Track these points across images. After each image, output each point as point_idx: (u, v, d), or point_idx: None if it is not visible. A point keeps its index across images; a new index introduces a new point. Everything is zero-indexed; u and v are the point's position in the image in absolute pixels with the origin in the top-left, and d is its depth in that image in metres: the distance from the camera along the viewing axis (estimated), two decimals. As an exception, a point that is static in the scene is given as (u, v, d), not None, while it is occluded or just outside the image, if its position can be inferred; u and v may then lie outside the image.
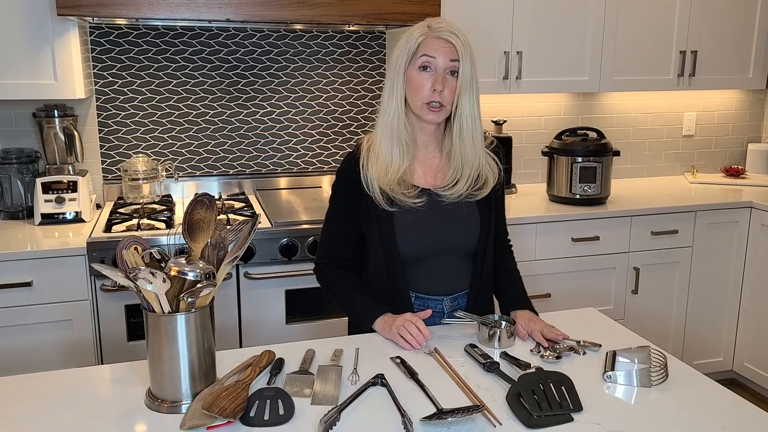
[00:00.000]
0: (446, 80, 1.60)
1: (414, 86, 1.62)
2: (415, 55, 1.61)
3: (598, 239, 2.95)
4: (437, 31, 1.61)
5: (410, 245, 1.66)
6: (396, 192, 1.64)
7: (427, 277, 1.70)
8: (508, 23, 2.96)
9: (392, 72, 1.65)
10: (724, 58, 3.34)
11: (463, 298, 1.75)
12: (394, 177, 1.63)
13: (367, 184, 1.66)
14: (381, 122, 1.66)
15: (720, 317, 3.26)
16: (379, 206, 1.65)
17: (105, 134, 2.90)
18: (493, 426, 1.25)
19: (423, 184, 1.69)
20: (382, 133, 1.65)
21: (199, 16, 2.43)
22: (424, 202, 1.66)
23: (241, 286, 2.51)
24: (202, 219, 1.37)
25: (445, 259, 1.71)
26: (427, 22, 1.65)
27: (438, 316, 1.73)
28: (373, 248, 1.71)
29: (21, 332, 2.32)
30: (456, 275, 1.73)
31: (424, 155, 1.72)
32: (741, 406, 1.34)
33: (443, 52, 1.59)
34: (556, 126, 3.41)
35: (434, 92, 1.60)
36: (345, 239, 1.75)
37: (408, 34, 1.64)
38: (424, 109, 1.62)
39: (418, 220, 1.65)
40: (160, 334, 1.30)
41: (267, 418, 1.26)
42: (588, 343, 1.58)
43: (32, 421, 1.26)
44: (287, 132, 3.11)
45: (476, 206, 1.71)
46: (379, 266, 1.70)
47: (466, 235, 1.70)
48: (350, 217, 1.72)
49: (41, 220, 2.60)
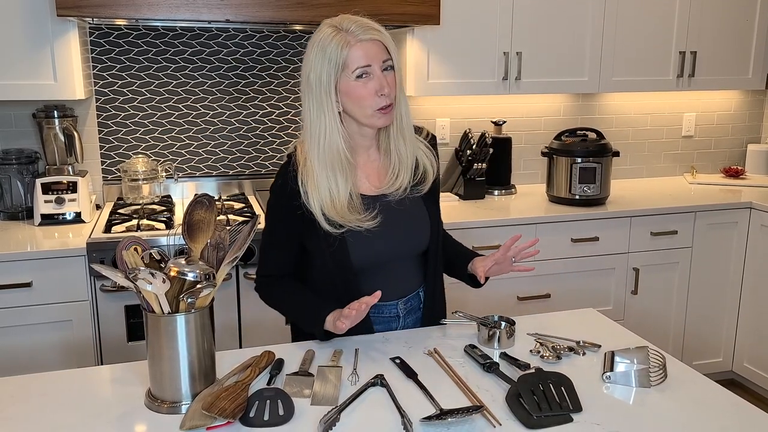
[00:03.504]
0: (386, 78, 1.52)
1: (355, 97, 1.51)
2: (346, 68, 1.49)
3: (598, 240, 2.95)
4: (358, 35, 1.49)
5: (364, 257, 1.59)
6: (348, 219, 1.54)
7: (380, 284, 1.57)
8: (508, 23, 2.96)
9: (315, 91, 1.51)
10: (724, 58, 3.34)
11: (415, 298, 1.71)
12: (343, 203, 1.54)
13: (309, 205, 1.54)
14: (315, 149, 1.53)
15: (719, 318, 3.26)
16: (325, 230, 1.55)
17: (105, 135, 2.90)
18: (492, 426, 1.25)
19: (369, 191, 1.62)
20: (319, 162, 1.53)
21: (199, 17, 2.44)
22: (377, 220, 1.57)
23: (241, 286, 2.51)
24: (201, 219, 1.37)
25: (397, 263, 1.66)
26: (336, 25, 1.51)
27: (393, 320, 1.70)
28: (321, 262, 1.62)
29: (21, 333, 2.32)
30: (409, 277, 1.69)
31: (365, 160, 1.64)
32: (741, 406, 1.34)
33: (374, 54, 1.50)
34: (556, 126, 3.41)
35: (381, 96, 1.51)
36: (286, 254, 1.66)
37: (321, 47, 1.50)
38: (375, 116, 1.53)
39: (371, 231, 1.57)
40: (160, 335, 1.30)
41: (267, 418, 1.26)
42: (588, 344, 1.58)
43: (32, 421, 1.26)
44: (287, 133, 3.11)
45: (423, 204, 1.67)
46: (329, 277, 1.61)
47: (418, 235, 1.66)
48: (291, 235, 1.62)
49: (41, 221, 2.60)
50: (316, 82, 1.51)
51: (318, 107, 1.52)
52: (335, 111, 1.53)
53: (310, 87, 1.53)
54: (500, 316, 1.65)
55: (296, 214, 1.57)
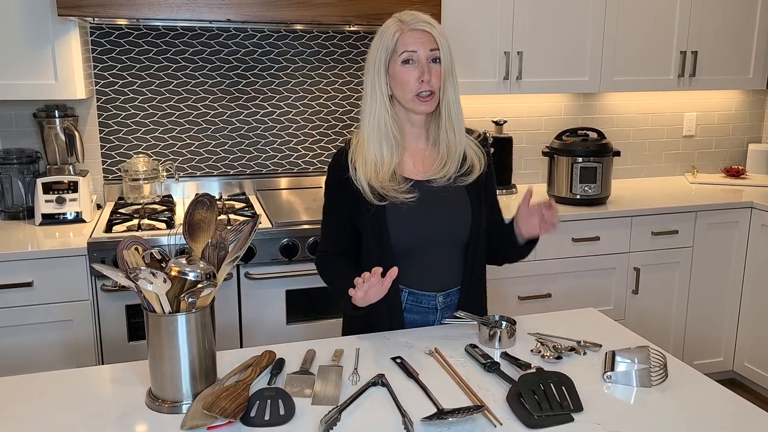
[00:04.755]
0: (431, 68, 1.62)
1: (400, 81, 1.63)
2: (395, 52, 1.63)
3: (599, 239, 2.95)
4: (411, 24, 1.63)
5: (403, 237, 1.67)
6: (388, 189, 1.65)
7: (419, 271, 1.69)
8: (508, 23, 2.96)
9: (372, 73, 1.65)
10: (725, 58, 3.34)
11: (455, 294, 1.74)
12: (386, 175, 1.65)
13: (356, 180, 1.67)
14: (366, 124, 1.67)
15: (720, 317, 3.26)
16: (370, 202, 1.66)
17: (105, 134, 2.90)
18: (493, 426, 1.25)
19: (414, 175, 1.70)
20: (369, 134, 1.66)
21: (200, 16, 2.44)
22: (416, 196, 1.66)
23: (242, 286, 2.51)
24: (202, 219, 1.37)
25: (437, 252, 1.70)
26: (398, 16, 1.66)
27: (431, 312, 1.73)
28: (365, 241, 1.72)
29: (21, 332, 2.32)
30: (448, 270, 1.73)
31: (414, 147, 1.73)
32: (741, 406, 1.34)
33: (422, 43, 1.61)
34: (557, 126, 3.41)
35: (422, 83, 1.61)
36: (340, 232, 1.76)
37: (381, 33, 1.65)
38: (415, 101, 1.63)
39: (411, 211, 1.66)
40: (161, 335, 1.30)
41: (267, 418, 1.26)
42: (588, 343, 1.58)
43: (32, 421, 1.26)
44: (288, 132, 3.11)
45: (466, 194, 1.72)
46: (371, 259, 1.70)
47: (458, 224, 1.70)
48: (342, 212, 1.73)
49: (42, 221, 2.60)
50: (372, 64, 1.66)
51: (371, 87, 1.66)
52: (385, 91, 1.65)
53: (369, 67, 1.67)
54: (501, 315, 1.65)
55: (346, 190, 1.68)
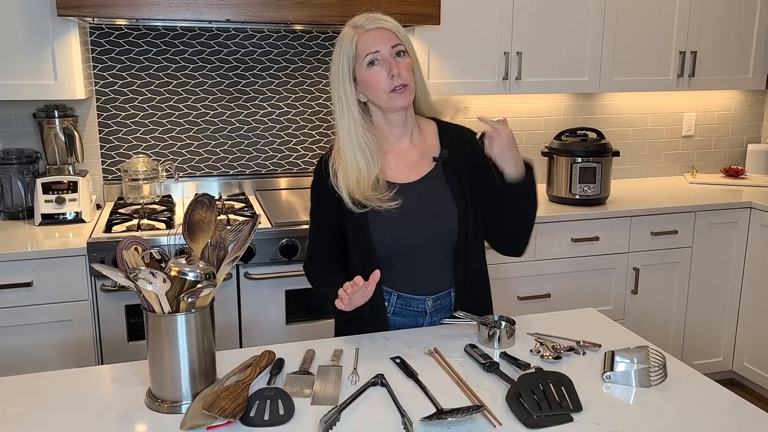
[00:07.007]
0: (398, 62, 1.60)
1: (371, 84, 1.60)
2: (358, 58, 1.60)
3: (598, 239, 2.95)
4: (367, 26, 1.61)
5: (387, 243, 1.65)
6: (371, 199, 1.62)
7: (406, 274, 1.68)
8: (508, 23, 2.96)
9: (337, 84, 1.63)
10: (724, 58, 3.34)
11: (446, 297, 1.72)
12: (367, 185, 1.62)
13: (337, 188, 1.65)
14: (340, 137, 1.65)
15: (720, 317, 3.26)
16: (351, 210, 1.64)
17: (105, 135, 2.90)
18: (493, 426, 1.25)
19: (398, 179, 1.67)
20: (345, 147, 1.64)
21: (200, 16, 2.44)
22: (399, 202, 1.63)
23: (241, 286, 2.51)
24: (202, 219, 1.37)
25: (424, 255, 1.68)
26: (351, 23, 1.64)
27: (420, 316, 1.71)
28: (350, 245, 1.71)
29: (21, 332, 2.32)
30: (438, 273, 1.70)
31: (398, 148, 1.71)
32: (740, 406, 1.34)
33: (382, 41, 1.60)
34: (556, 126, 3.41)
35: (392, 78, 1.58)
36: (326, 237, 1.75)
37: (339, 42, 1.63)
38: (391, 98, 1.60)
39: (394, 216, 1.63)
40: (161, 335, 1.30)
41: (267, 418, 1.26)
42: (588, 343, 1.58)
43: (32, 421, 1.26)
44: (287, 132, 3.11)
45: (451, 195, 1.68)
46: (355, 264, 1.69)
47: (444, 226, 1.67)
48: (327, 217, 1.72)
49: (41, 221, 2.60)
50: (336, 75, 1.64)
51: (338, 99, 1.64)
52: (353, 102, 1.63)
53: (333, 80, 1.65)
54: (500, 315, 1.65)
55: (330, 196, 1.67)
